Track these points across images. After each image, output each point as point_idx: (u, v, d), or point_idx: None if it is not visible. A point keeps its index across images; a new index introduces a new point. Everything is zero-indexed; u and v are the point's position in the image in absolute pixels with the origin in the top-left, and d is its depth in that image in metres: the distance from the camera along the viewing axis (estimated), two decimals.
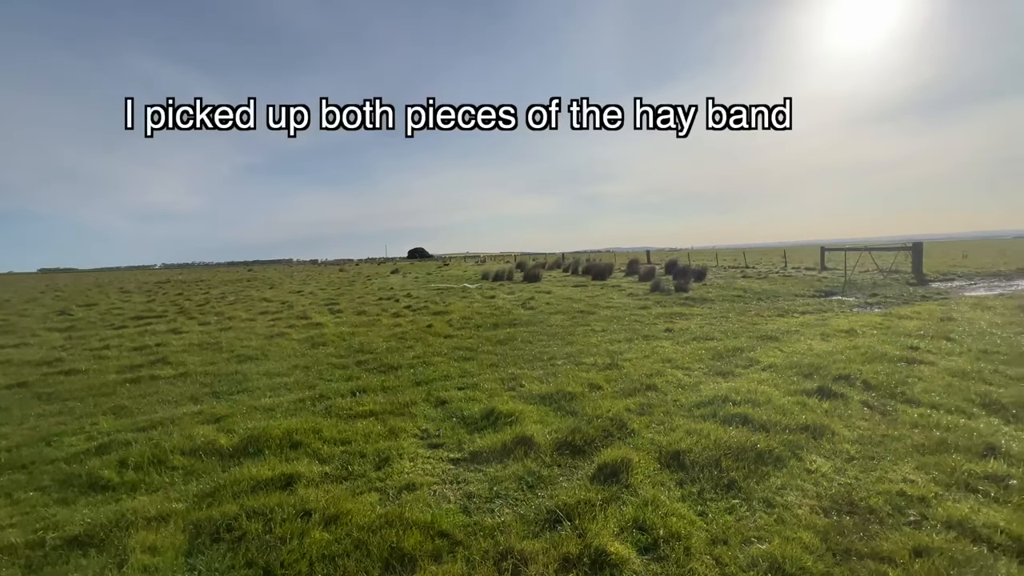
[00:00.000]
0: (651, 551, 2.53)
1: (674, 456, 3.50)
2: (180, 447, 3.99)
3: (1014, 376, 5.09)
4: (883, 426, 3.99)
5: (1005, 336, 6.86)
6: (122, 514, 2.96)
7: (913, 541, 2.48)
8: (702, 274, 19.60)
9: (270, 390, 5.82)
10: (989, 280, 16.43)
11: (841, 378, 5.16)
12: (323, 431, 4.25)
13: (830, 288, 15.01)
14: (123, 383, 6.38)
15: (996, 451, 3.41)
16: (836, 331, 7.77)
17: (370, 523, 2.79)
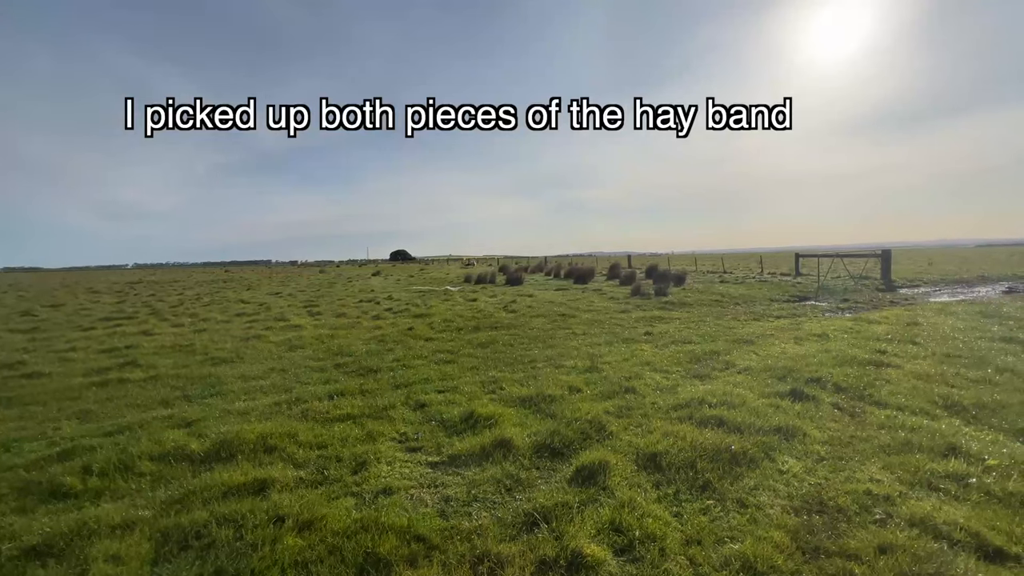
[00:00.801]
0: (627, 552, 2.55)
1: (651, 458, 3.54)
2: (148, 452, 3.86)
3: (974, 379, 5.30)
4: (852, 427, 4.10)
5: (967, 340, 7.14)
6: (84, 522, 2.85)
7: (878, 539, 2.56)
8: (681, 279, 19.92)
9: (245, 393, 5.69)
10: (952, 286, 17.10)
11: (813, 381, 5.30)
12: (299, 435, 4.17)
13: (804, 293, 15.41)
14: (89, 386, 6.15)
15: (957, 451, 3.54)
16: (809, 335, 7.97)
17: (345, 528, 2.75)
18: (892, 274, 20.31)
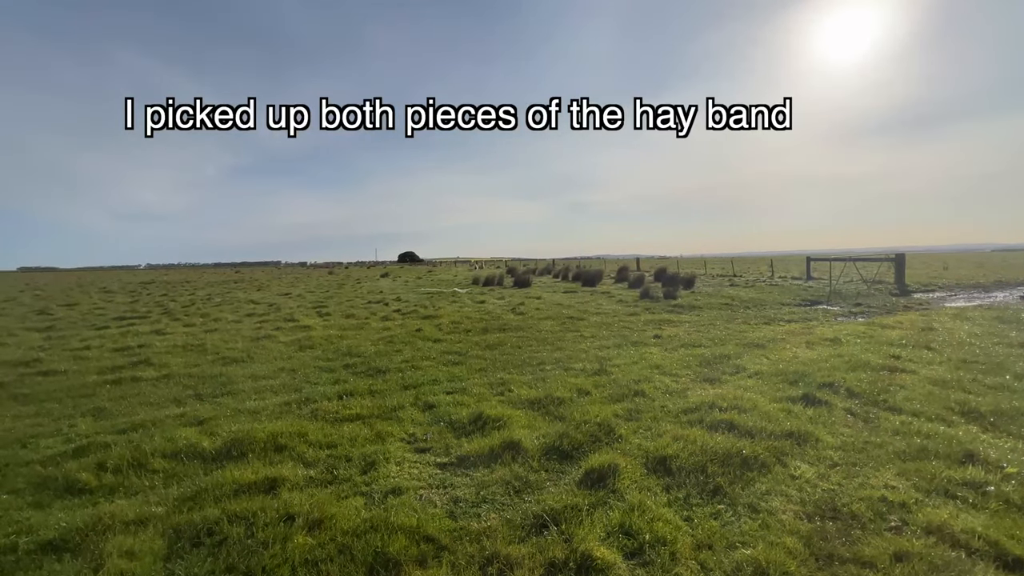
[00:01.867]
0: (637, 556, 2.53)
1: (661, 462, 3.52)
2: (161, 450, 3.91)
3: (991, 385, 5.20)
4: (865, 433, 4.05)
5: (983, 346, 7.02)
6: (99, 518, 2.89)
7: (894, 546, 2.51)
8: (691, 282, 19.80)
9: (255, 393, 5.74)
10: (968, 291, 16.81)
11: (825, 386, 5.23)
12: (309, 434, 4.20)
13: (815, 297, 15.24)
14: (103, 384, 6.24)
15: (974, 458, 3.48)
16: (821, 339, 7.88)
17: (355, 527, 2.76)
18: (906, 278, 20.02)
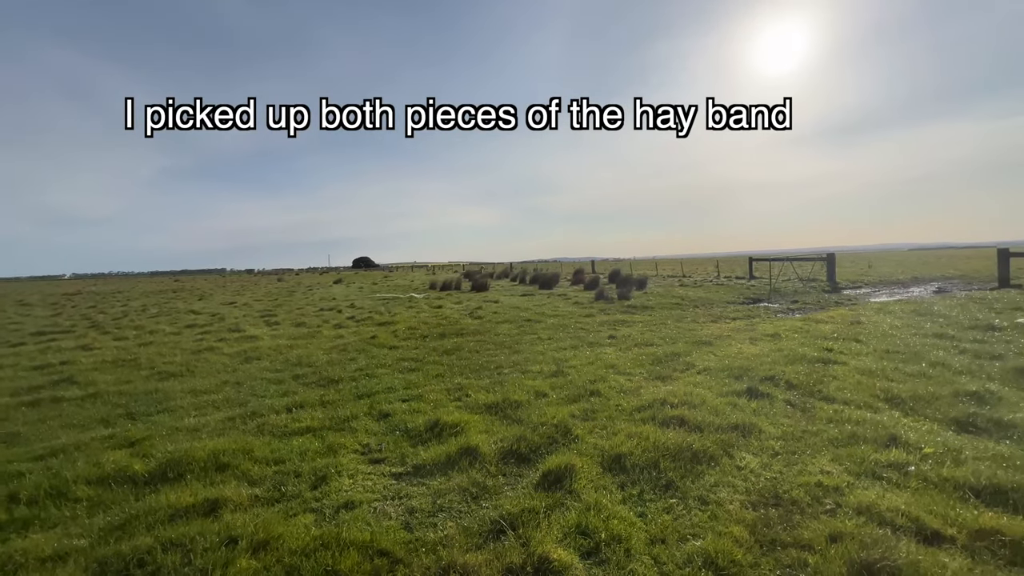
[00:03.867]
0: (593, 555, 2.56)
1: (616, 460, 3.59)
2: (85, 476, 3.58)
3: (911, 373, 5.67)
4: (803, 422, 4.30)
5: (903, 337, 7.65)
6: (9, 556, 2.60)
7: (829, 528, 2.68)
8: (643, 283, 20.44)
9: (195, 409, 5.39)
10: (890, 287, 18.30)
11: (767, 379, 5.52)
12: (254, 450, 3.98)
13: (757, 295, 16.11)
14: (18, 407, 5.66)
15: (897, 441, 3.77)
16: (763, 335, 8.32)
17: (303, 546, 2.63)
18: (836, 276, 21.56)
